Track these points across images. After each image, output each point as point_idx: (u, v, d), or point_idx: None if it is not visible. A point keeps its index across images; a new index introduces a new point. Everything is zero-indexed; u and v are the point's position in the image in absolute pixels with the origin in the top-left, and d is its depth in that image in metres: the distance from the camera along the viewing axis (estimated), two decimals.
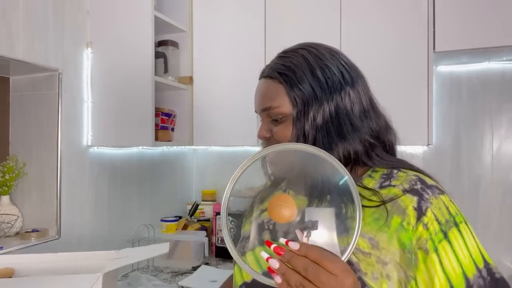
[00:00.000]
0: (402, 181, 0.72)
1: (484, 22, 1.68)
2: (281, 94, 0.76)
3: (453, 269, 0.66)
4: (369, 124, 0.80)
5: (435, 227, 0.67)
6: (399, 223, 0.68)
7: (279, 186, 0.83)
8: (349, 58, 0.86)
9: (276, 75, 0.78)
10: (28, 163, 1.58)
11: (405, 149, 2.11)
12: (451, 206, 0.71)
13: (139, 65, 1.75)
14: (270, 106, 0.77)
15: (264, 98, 0.79)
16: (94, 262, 0.92)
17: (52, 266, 0.93)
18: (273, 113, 0.77)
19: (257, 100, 0.81)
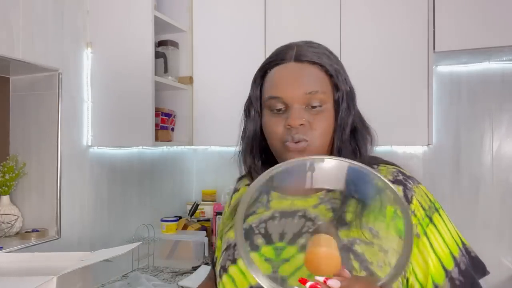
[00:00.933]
0: (385, 174, 0.77)
1: (484, 22, 1.68)
2: (327, 83, 0.76)
3: (442, 250, 0.71)
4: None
5: (421, 213, 0.73)
6: (393, 212, 0.70)
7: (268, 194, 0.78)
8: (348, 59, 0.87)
9: (325, 63, 0.76)
10: (28, 163, 1.58)
11: (405, 149, 2.11)
12: (429, 194, 0.78)
13: (139, 65, 1.75)
14: (318, 90, 0.74)
15: (310, 81, 0.74)
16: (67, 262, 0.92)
17: (28, 266, 0.94)
18: (317, 99, 0.74)
19: (298, 82, 0.74)
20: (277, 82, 0.76)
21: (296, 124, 0.73)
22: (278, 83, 0.76)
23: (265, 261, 0.70)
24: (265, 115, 0.79)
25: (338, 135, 0.76)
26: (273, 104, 0.76)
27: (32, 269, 0.94)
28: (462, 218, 2.02)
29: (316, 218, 0.72)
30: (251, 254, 0.72)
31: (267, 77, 0.79)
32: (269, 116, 0.78)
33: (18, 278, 0.85)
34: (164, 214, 2.21)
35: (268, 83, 0.78)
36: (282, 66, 0.77)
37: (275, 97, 0.75)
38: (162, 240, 2.10)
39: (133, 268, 1.97)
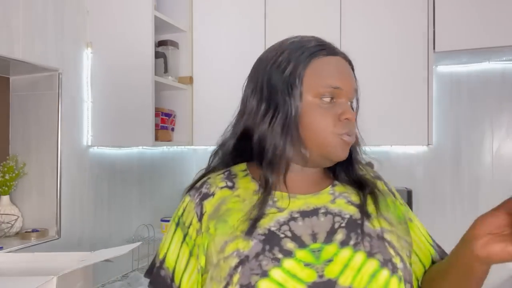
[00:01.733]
0: (367, 171, 0.83)
1: (484, 22, 1.68)
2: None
3: (423, 228, 0.81)
4: None
5: (401, 201, 0.81)
6: (391, 202, 0.78)
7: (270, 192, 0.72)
8: None
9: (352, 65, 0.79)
10: (28, 163, 1.58)
11: (405, 149, 2.11)
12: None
13: (139, 65, 1.75)
14: (357, 88, 0.76)
15: (354, 79, 0.76)
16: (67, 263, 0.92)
17: (28, 266, 0.94)
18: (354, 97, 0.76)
19: (351, 77, 0.75)
20: (336, 72, 0.72)
21: (353, 118, 0.73)
22: (336, 74, 0.72)
23: (305, 266, 0.64)
24: (310, 103, 0.71)
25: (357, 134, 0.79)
26: (327, 93, 0.71)
27: (32, 269, 0.94)
28: (462, 218, 2.02)
29: (342, 212, 0.71)
30: (287, 262, 0.64)
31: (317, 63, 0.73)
32: (317, 106, 0.71)
33: (18, 278, 0.85)
34: (164, 214, 2.21)
35: (326, 71, 0.72)
36: (335, 58, 0.75)
37: (336, 87, 0.71)
38: (162, 240, 2.09)
39: (133, 268, 1.97)
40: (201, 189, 0.78)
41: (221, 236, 0.69)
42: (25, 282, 0.77)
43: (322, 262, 0.65)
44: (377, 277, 0.65)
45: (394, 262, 0.67)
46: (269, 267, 0.64)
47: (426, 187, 2.07)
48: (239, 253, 0.66)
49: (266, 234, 0.67)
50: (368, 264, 0.65)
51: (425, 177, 2.08)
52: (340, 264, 0.65)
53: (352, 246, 0.67)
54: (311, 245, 0.67)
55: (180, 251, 0.74)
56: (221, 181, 0.78)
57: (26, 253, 0.98)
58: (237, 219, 0.70)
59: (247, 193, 0.74)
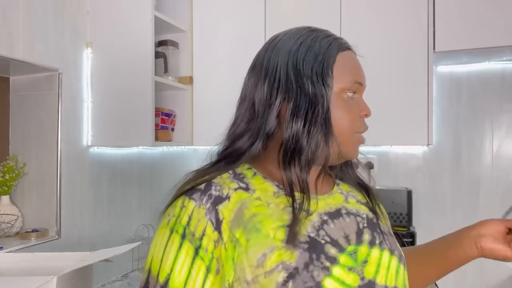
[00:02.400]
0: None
1: (484, 22, 1.68)
2: None
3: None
4: None
5: None
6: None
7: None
8: None
9: None
10: (28, 163, 1.58)
11: (405, 149, 2.11)
12: None
13: (139, 65, 1.75)
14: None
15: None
16: (67, 263, 0.92)
17: (28, 266, 0.94)
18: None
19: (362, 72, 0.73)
20: (356, 68, 0.71)
21: (370, 114, 0.73)
22: (357, 69, 0.71)
23: (349, 271, 0.62)
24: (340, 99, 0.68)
25: None
26: (351, 89, 0.68)
27: (32, 269, 0.94)
28: (462, 218, 2.02)
29: (359, 212, 0.72)
30: (335, 269, 0.60)
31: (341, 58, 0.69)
32: (343, 101, 0.68)
33: (18, 278, 0.85)
34: None
35: (350, 66, 0.70)
36: (351, 53, 0.73)
37: (360, 83, 0.70)
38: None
39: (133, 268, 1.97)
40: (210, 192, 0.65)
41: (257, 247, 0.60)
42: (25, 282, 0.77)
43: (360, 264, 0.64)
44: (399, 272, 0.69)
45: (403, 255, 0.72)
46: (322, 277, 0.59)
47: (426, 187, 2.07)
48: (285, 266, 0.58)
49: (308, 241, 0.61)
50: (392, 261, 0.69)
51: (425, 177, 2.08)
52: (374, 264, 0.65)
53: (378, 245, 0.68)
54: (347, 248, 0.64)
55: (193, 268, 0.60)
56: (232, 182, 0.67)
57: (26, 253, 0.98)
58: (271, 227, 0.61)
59: (268, 196, 0.66)
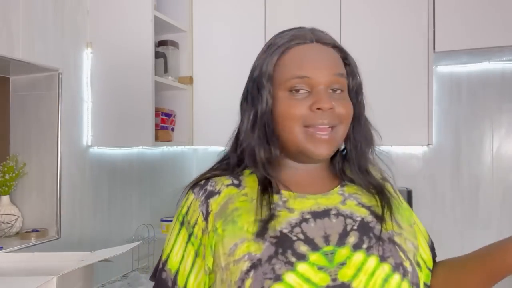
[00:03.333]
0: (375, 171, 0.80)
1: (484, 22, 1.68)
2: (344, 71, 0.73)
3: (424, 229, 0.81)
4: None
5: (406, 203, 0.81)
6: (397, 205, 0.76)
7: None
8: None
9: (344, 50, 0.74)
10: (28, 163, 1.58)
11: (405, 149, 2.11)
12: None
13: (139, 65, 1.75)
14: (343, 73, 0.71)
15: (336, 64, 0.71)
16: (67, 263, 0.93)
17: (28, 266, 0.94)
18: (341, 82, 0.70)
19: (326, 62, 0.70)
20: (303, 62, 0.70)
21: (327, 107, 0.67)
22: (304, 63, 0.69)
23: (318, 270, 0.63)
24: (281, 97, 0.70)
25: (356, 124, 0.74)
26: (296, 85, 0.69)
27: (32, 269, 0.94)
28: (462, 218, 2.02)
29: (353, 215, 0.70)
30: (300, 265, 0.63)
31: (285, 57, 0.71)
32: (288, 98, 0.69)
33: (18, 278, 0.85)
34: (164, 214, 2.21)
35: (292, 63, 0.70)
36: (306, 46, 0.71)
37: (302, 77, 0.69)
38: (162, 240, 2.09)
39: (133, 268, 1.97)
40: (206, 187, 0.75)
41: (230, 238, 0.67)
42: (25, 282, 0.77)
43: (335, 265, 0.64)
44: (390, 282, 0.64)
45: (405, 266, 0.66)
46: (283, 271, 0.62)
47: (426, 187, 2.07)
48: (250, 257, 0.64)
49: (278, 236, 0.65)
50: (381, 268, 0.65)
51: (425, 177, 2.08)
52: (353, 267, 0.64)
53: (365, 250, 0.66)
54: (324, 247, 0.65)
55: (185, 251, 0.72)
56: (227, 179, 0.75)
57: (26, 253, 0.98)
58: (246, 220, 0.67)
59: (254, 192, 0.71)
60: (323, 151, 0.69)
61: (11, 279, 0.82)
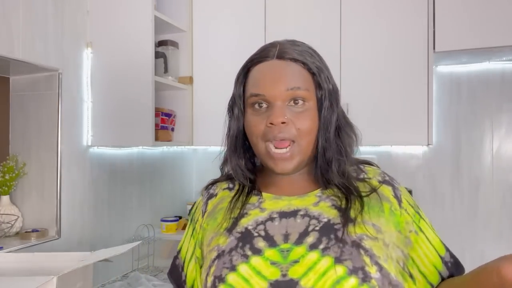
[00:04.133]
0: (374, 174, 0.79)
1: (484, 22, 1.68)
2: (310, 81, 0.74)
3: (434, 240, 0.76)
4: None
5: (411, 210, 0.77)
6: (389, 209, 0.74)
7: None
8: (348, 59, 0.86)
9: (308, 61, 0.75)
10: (28, 163, 1.58)
11: (405, 149, 2.12)
12: (408, 194, 0.81)
13: (139, 65, 1.75)
14: (300, 86, 0.72)
15: (293, 78, 0.73)
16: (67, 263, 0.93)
17: (28, 266, 0.94)
18: (299, 95, 0.72)
19: (280, 78, 0.73)
20: (259, 79, 0.75)
21: (278, 122, 0.71)
22: (260, 80, 0.74)
23: (271, 265, 0.68)
24: (247, 114, 0.76)
25: (322, 134, 0.74)
26: (255, 102, 0.74)
27: (32, 269, 0.94)
28: (462, 218, 2.02)
29: (321, 216, 0.71)
30: (254, 259, 0.69)
31: (249, 75, 0.78)
32: (251, 114, 0.75)
33: (18, 278, 0.85)
34: (164, 214, 2.21)
35: (251, 81, 0.77)
36: (265, 64, 0.76)
37: (257, 95, 0.74)
38: (162, 240, 2.10)
39: (133, 268, 1.97)
40: (210, 190, 0.86)
41: (210, 232, 0.78)
42: (25, 282, 0.77)
43: (288, 262, 0.67)
44: (342, 284, 0.64)
45: (366, 271, 0.66)
46: (238, 262, 0.69)
47: (426, 187, 2.07)
48: (218, 248, 0.73)
49: (242, 232, 0.73)
50: (333, 269, 0.65)
51: (425, 177, 2.08)
52: (304, 266, 0.66)
53: (320, 250, 0.67)
54: (281, 245, 0.70)
55: (190, 243, 0.83)
56: (225, 183, 0.85)
57: (26, 253, 0.98)
58: (224, 218, 0.77)
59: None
60: (284, 168, 0.72)
61: (11, 279, 0.82)
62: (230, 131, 0.81)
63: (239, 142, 0.80)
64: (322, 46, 0.88)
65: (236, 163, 0.80)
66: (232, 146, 0.81)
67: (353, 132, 0.79)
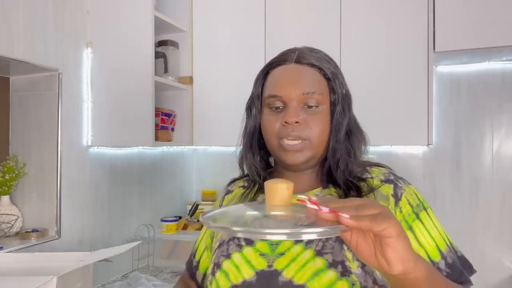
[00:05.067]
0: (377, 174, 0.81)
1: (484, 22, 1.68)
2: (324, 86, 0.80)
3: (428, 243, 0.74)
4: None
5: (407, 209, 0.76)
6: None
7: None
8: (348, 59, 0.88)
9: (323, 67, 0.80)
10: (28, 163, 1.58)
11: (405, 149, 2.11)
12: (418, 194, 0.80)
13: (139, 65, 1.75)
14: (315, 91, 0.77)
15: (308, 82, 0.78)
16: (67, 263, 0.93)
17: (28, 266, 0.94)
18: (313, 99, 0.77)
19: (298, 82, 0.78)
20: (277, 81, 0.80)
21: (292, 121, 0.75)
22: (278, 82, 0.79)
23: (260, 255, 0.75)
24: (264, 113, 0.82)
25: (333, 136, 0.79)
26: (272, 102, 0.79)
27: (32, 269, 0.94)
28: (462, 218, 2.02)
29: None
30: (246, 249, 0.77)
31: (268, 77, 0.83)
32: (268, 114, 0.80)
33: (18, 278, 0.85)
34: (164, 214, 2.21)
35: (269, 83, 0.82)
36: (283, 67, 0.81)
37: (274, 96, 0.79)
38: (162, 240, 2.10)
39: (133, 268, 1.97)
40: (228, 187, 0.94)
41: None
42: (25, 282, 0.77)
43: (275, 254, 0.74)
44: (321, 276, 0.69)
45: (347, 265, 0.69)
46: (233, 251, 0.78)
47: (426, 187, 2.07)
48: (221, 239, 0.83)
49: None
50: (313, 262, 0.71)
51: (425, 177, 2.08)
52: (288, 258, 0.73)
53: (304, 244, 0.73)
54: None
55: (205, 234, 0.93)
56: (242, 181, 0.92)
57: (26, 253, 0.98)
58: None
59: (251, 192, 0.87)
60: (295, 159, 0.77)
61: (11, 279, 0.82)
62: (247, 129, 0.86)
63: (254, 140, 0.85)
64: (322, 46, 0.89)
65: (251, 159, 0.85)
66: (248, 144, 0.85)
67: (362, 136, 0.84)
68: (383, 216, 0.50)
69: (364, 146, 0.84)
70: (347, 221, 0.49)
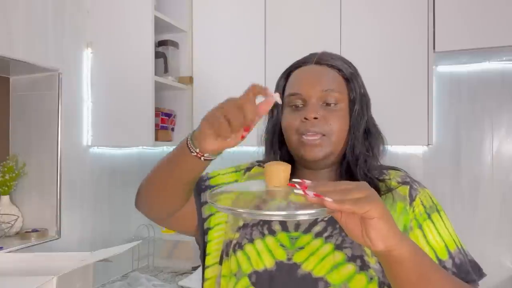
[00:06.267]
0: (394, 176, 0.85)
1: (484, 22, 1.68)
2: (343, 85, 0.83)
3: (436, 242, 0.76)
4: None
5: (420, 209, 0.79)
6: (402, 208, 0.78)
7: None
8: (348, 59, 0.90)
9: (342, 68, 0.83)
10: (28, 163, 1.58)
11: (405, 149, 2.11)
12: (433, 197, 0.84)
13: (139, 65, 1.75)
14: (333, 89, 0.80)
15: (328, 81, 0.81)
16: (67, 263, 0.93)
17: (28, 266, 0.94)
18: (332, 97, 0.80)
19: (317, 80, 0.81)
20: (297, 80, 0.83)
21: (311, 116, 0.78)
22: (298, 81, 0.83)
23: (279, 246, 0.77)
24: (284, 112, 0.84)
25: (352, 133, 0.82)
26: (292, 101, 0.82)
27: (32, 269, 0.94)
28: (462, 218, 2.02)
29: None
30: (268, 238, 0.78)
31: (290, 78, 0.86)
32: (288, 111, 0.83)
33: (18, 278, 0.85)
34: None
35: (290, 83, 0.85)
36: (304, 68, 0.85)
37: (295, 94, 0.81)
38: (162, 240, 2.10)
39: (133, 268, 1.97)
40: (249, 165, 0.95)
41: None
42: (25, 282, 0.77)
43: (294, 248, 0.76)
44: (340, 269, 0.71)
45: (366, 260, 0.72)
46: (256, 237, 0.79)
47: (426, 187, 2.06)
48: (245, 220, 0.84)
49: None
50: (333, 255, 0.73)
51: (425, 177, 2.07)
52: (307, 252, 0.74)
53: (324, 238, 0.75)
54: (292, 232, 0.78)
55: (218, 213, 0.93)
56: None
57: (26, 253, 0.98)
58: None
59: None
60: (314, 155, 0.79)
61: (11, 279, 0.82)
62: (269, 127, 0.89)
63: (275, 137, 0.87)
64: (322, 46, 0.89)
65: (271, 155, 0.87)
66: (269, 141, 0.88)
67: (381, 137, 0.87)
68: (366, 199, 0.54)
69: (383, 146, 0.86)
70: (330, 204, 0.53)
